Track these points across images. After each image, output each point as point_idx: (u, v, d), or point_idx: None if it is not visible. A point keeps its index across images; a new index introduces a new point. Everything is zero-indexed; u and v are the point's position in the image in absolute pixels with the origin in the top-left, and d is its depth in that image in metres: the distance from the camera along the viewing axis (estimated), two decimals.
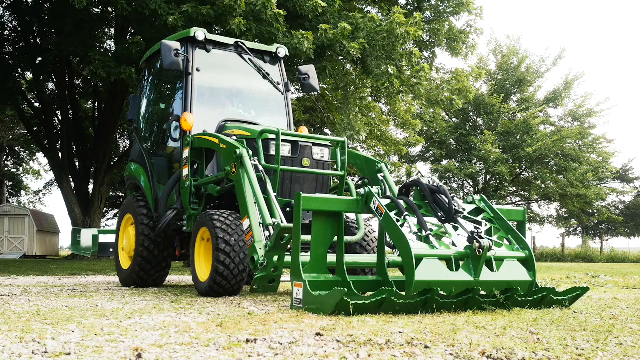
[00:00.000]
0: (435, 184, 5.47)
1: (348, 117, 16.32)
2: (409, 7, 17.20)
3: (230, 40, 7.75)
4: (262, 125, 7.09)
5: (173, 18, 12.17)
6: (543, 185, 31.37)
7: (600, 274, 11.87)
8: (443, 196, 5.29)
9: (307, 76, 7.99)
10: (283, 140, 6.44)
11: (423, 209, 5.29)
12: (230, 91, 7.98)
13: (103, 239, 9.58)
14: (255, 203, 5.71)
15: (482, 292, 4.74)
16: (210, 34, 7.60)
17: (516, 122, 30.27)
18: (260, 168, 6.01)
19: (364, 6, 17.40)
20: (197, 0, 12.61)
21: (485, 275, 4.81)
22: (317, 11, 13.16)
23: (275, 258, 5.27)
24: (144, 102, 8.46)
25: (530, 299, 4.88)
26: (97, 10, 16.45)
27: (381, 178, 6.98)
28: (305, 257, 5.06)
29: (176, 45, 7.06)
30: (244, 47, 7.73)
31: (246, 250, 5.83)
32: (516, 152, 29.89)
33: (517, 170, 31.54)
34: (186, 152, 6.93)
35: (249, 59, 7.76)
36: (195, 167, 6.98)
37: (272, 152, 6.37)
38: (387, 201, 5.14)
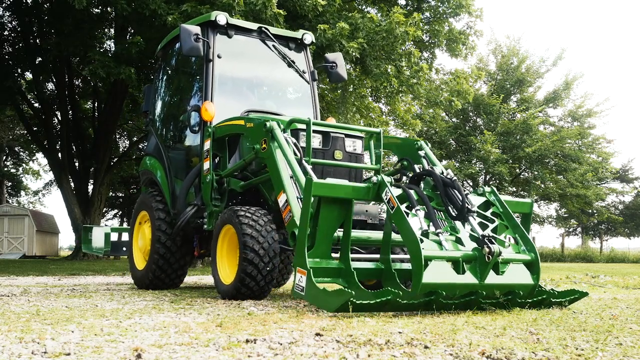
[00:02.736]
0: (449, 177, 5.23)
1: (345, 116, 16.31)
2: (408, 7, 17.21)
3: (254, 25, 7.33)
4: (288, 116, 6.48)
5: (172, 18, 12.17)
6: (543, 186, 31.36)
7: (599, 274, 11.87)
8: (456, 191, 5.08)
9: (334, 64, 7.54)
10: (313, 131, 5.99)
11: (434, 202, 5.11)
12: (253, 80, 7.56)
13: (116, 237, 9.37)
14: (291, 177, 5.31)
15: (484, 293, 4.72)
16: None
17: (516, 122, 30.26)
18: (293, 141, 5.59)
19: (364, 6, 17.40)
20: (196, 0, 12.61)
21: (490, 278, 4.73)
22: (317, 10, 13.16)
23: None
24: (160, 92, 8.05)
25: (530, 300, 4.86)
26: (96, 10, 16.45)
27: (423, 155, 6.50)
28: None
29: (196, 29, 6.63)
30: (267, 32, 7.29)
31: (276, 249, 5.49)
32: (516, 152, 29.89)
33: (517, 170, 31.54)
34: (207, 144, 6.54)
35: (273, 45, 7.34)
36: (217, 160, 6.61)
37: (302, 143, 5.93)
38: (399, 191, 4.96)
